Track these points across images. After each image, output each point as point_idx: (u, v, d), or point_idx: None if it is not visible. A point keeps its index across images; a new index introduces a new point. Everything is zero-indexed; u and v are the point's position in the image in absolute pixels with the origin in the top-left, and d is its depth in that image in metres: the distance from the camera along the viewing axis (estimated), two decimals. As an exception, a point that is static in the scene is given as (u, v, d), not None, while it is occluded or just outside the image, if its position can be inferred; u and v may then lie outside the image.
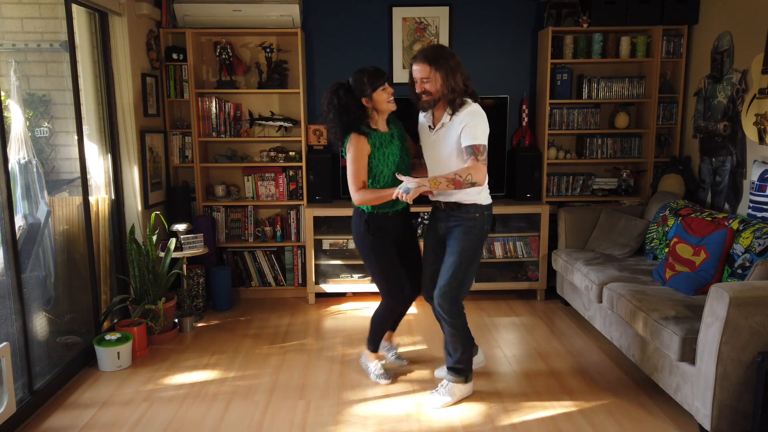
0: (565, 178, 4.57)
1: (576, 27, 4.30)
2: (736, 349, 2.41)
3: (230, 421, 2.78)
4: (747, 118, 3.52)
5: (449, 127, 2.76)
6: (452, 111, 2.74)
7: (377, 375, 3.15)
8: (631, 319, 3.03)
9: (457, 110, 2.73)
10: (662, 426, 2.70)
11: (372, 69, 2.82)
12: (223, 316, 4.22)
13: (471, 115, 2.71)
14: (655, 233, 3.81)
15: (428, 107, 2.81)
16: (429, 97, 2.75)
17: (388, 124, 2.94)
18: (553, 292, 4.44)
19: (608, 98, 4.45)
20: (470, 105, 2.75)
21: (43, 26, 3.27)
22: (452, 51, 2.76)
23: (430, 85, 2.72)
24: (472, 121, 2.70)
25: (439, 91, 2.72)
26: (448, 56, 2.72)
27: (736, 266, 3.02)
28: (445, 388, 2.93)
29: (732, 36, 3.78)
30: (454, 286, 2.81)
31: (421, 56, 2.73)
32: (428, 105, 2.79)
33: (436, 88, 2.72)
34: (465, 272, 2.82)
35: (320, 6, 4.56)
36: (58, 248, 3.30)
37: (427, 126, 2.87)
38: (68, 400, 3.00)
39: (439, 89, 2.71)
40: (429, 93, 2.74)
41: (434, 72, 2.69)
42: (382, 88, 2.80)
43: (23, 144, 3.07)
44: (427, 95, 2.75)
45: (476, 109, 2.74)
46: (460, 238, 2.82)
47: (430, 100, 2.76)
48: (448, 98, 2.72)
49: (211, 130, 4.42)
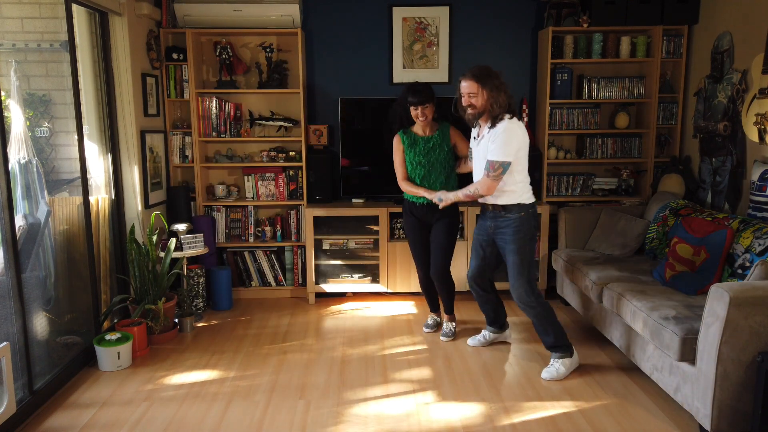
0: (566, 178, 4.57)
1: (576, 27, 4.30)
2: (736, 349, 2.41)
3: (230, 421, 2.78)
4: (747, 118, 3.52)
5: (487, 139, 3.08)
6: (492, 125, 3.06)
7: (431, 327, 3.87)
8: (632, 319, 3.03)
9: (496, 124, 3.05)
10: (662, 426, 2.70)
11: (412, 87, 3.42)
12: (223, 316, 4.22)
13: (503, 133, 3.02)
14: (655, 233, 3.81)
15: (473, 120, 3.17)
16: (474, 111, 3.08)
17: (436, 130, 3.54)
18: (553, 291, 4.44)
19: (608, 98, 4.45)
20: (506, 121, 3.04)
21: (43, 26, 3.27)
22: (497, 72, 3.08)
23: (476, 100, 3.05)
24: (500, 137, 3.01)
25: (484, 106, 3.05)
26: (494, 76, 3.06)
27: (737, 266, 3.02)
28: (555, 364, 3.21)
29: (732, 36, 3.78)
30: (523, 282, 3.16)
31: (469, 74, 3.07)
32: (473, 118, 3.14)
33: (481, 103, 3.05)
34: (528, 267, 3.17)
35: (320, 6, 4.56)
36: (58, 248, 3.30)
37: (473, 137, 3.30)
38: (68, 400, 3.00)
39: (483, 104, 3.05)
40: (474, 107, 3.07)
41: (480, 89, 3.03)
42: (413, 107, 3.40)
43: (23, 144, 3.07)
44: (472, 109, 3.08)
45: (509, 126, 3.03)
46: (512, 238, 3.15)
47: (475, 114, 3.09)
48: (492, 113, 3.05)
49: (211, 130, 4.42)
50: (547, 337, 3.23)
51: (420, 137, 3.52)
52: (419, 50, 4.59)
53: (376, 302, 4.45)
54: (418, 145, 3.51)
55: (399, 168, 3.57)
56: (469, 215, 4.34)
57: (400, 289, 4.42)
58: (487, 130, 3.08)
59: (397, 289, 4.42)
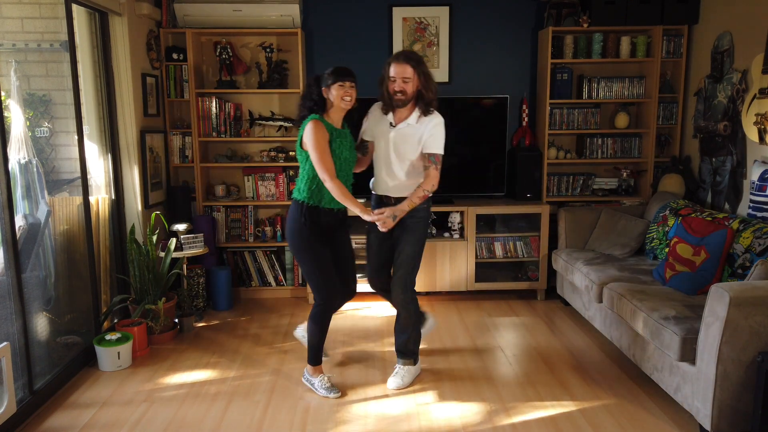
0: (566, 178, 4.57)
1: (576, 27, 4.30)
2: (737, 349, 2.41)
3: (230, 421, 2.78)
4: (747, 118, 3.52)
5: (415, 128, 2.94)
6: (423, 114, 2.94)
7: (326, 389, 3.01)
8: (632, 319, 3.03)
9: (427, 115, 2.94)
10: (662, 426, 2.70)
11: (342, 67, 2.90)
12: (223, 316, 4.22)
13: (439, 126, 2.95)
14: (656, 233, 3.81)
15: (401, 106, 2.94)
16: (404, 97, 2.89)
17: (343, 126, 2.98)
18: (553, 292, 4.44)
19: (608, 98, 4.45)
20: (438, 115, 2.97)
21: (43, 26, 3.27)
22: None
23: (408, 85, 2.87)
24: (438, 131, 2.94)
25: (414, 92, 2.90)
26: (424, 63, 2.93)
27: (737, 266, 3.02)
28: (401, 371, 3.12)
29: (732, 36, 3.77)
30: (412, 274, 3.09)
31: (403, 57, 2.89)
32: (401, 104, 2.92)
33: (412, 89, 2.89)
34: (419, 259, 3.10)
35: (320, 6, 4.56)
36: (58, 248, 3.30)
37: (389, 122, 3.00)
38: (68, 400, 3.00)
39: (414, 90, 2.89)
40: (405, 93, 2.89)
41: (414, 74, 2.87)
42: (341, 84, 2.84)
43: (23, 144, 3.07)
44: (402, 95, 2.89)
45: (442, 121, 2.97)
46: (414, 230, 3.04)
47: (405, 100, 2.91)
48: (425, 100, 2.91)
49: (211, 130, 4.42)
50: (404, 337, 3.14)
51: (340, 129, 2.94)
52: (419, 50, 4.59)
53: (376, 302, 4.45)
54: (343, 138, 2.92)
55: (328, 160, 2.82)
56: (468, 215, 4.34)
57: (400, 289, 4.42)
58: (415, 119, 2.93)
59: (397, 289, 4.41)
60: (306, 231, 2.89)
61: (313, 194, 2.88)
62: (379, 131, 3.04)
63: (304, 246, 2.92)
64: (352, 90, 2.88)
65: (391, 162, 3.00)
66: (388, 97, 2.94)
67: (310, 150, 2.82)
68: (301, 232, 2.90)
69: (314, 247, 2.92)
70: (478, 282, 4.42)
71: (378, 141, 3.05)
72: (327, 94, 2.88)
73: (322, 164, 2.80)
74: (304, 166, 2.91)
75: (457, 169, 4.55)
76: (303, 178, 2.92)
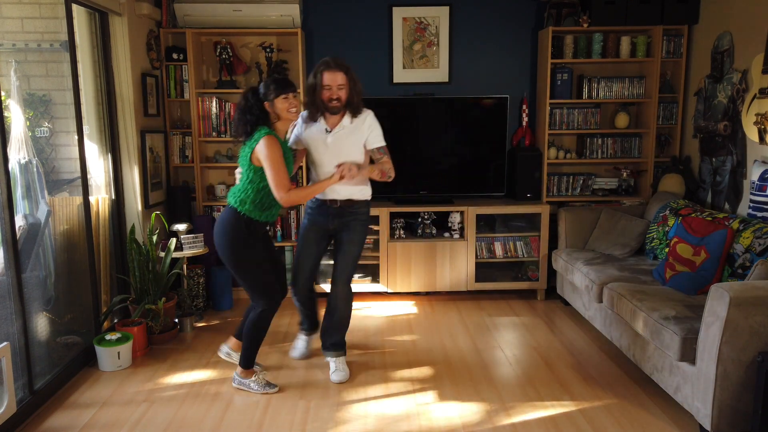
0: (566, 178, 4.57)
1: (576, 27, 4.30)
2: (737, 349, 2.41)
3: (230, 421, 2.78)
4: (747, 117, 3.52)
5: (352, 130, 3.05)
6: (354, 116, 3.05)
7: (263, 385, 3.04)
8: (632, 319, 3.03)
9: (358, 115, 3.06)
10: (662, 426, 2.70)
11: (281, 78, 2.93)
12: (223, 316, 4.22)
13: (375, 120, 3.10)
14: (656, 233, 3.80)
15: (337, 112, 3.03)
16: (339, 104, 2.99)
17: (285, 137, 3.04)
18: (553, 291, 4.44)
19: (608, 98, 4.45)
20: (368, 110, 3.11)
21: (43, 26, 3.27)
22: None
23: (343, 92, 2.98)
24: (376, 125, 3.10)
25: (348, 97, 3.00)
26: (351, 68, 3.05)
27: (737, 266, 3.02)
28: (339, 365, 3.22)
29: (732, 36, 3.77)
30: (354, 270, 3.23)
31: (335, 65, 2.97)
32: (337, 111, 3.01)
33: (346, 95, 2.99)
34: (359, 258, 3.23)
35: (320, 6, 4.56)
36: (58, 248, 3.30)
37: (324, 129, 3.07)
38: (68, 400, 3.00)
39: (348, 96, 3.00)
40: (340, 100, 2.98)
41: (347, 80, 2.98)
42: (284, 96, 2.87)
43: (23, 144, 3.07)
44: (338, 101, 2.98)
45: (373, 114, 3.12)
46: (358, 230, 3.17)
47: (340, 106, 3.00)
48: (353, 105, 3.03)
49: (211, 130, 4.42)
50: (340, 334, 3.27)
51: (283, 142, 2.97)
52: (419, 50, 4.59)
53: (376, 302, 4.45)
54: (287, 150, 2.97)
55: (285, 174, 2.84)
56: (468, 215, 4.34)
57: (400, 289, 4.42)
58: (349, 121, 3.04)
59: (397, 289, 4.42)
60: (250, 241, 2.92)
61: (256, 207, 2.91)
62: (314, 139, 3.09)
63: (247, 255, 2.92)
64: (296, 100, 2.92)
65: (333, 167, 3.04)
66: (322, 105, 3.00)
67: (266, 166, 2.83)
68: (245, 243, 2.91)
69: (256, 255, 2.95)
70: (478, 282, 4.42)
71: (315, 148, 3.09)
72: (270, 108, 2.89)
73: (280, 180, 2.82)
74: (249, 178, 2.91)
75: (457, 169, 4.55)
76: (247, 190, 2.91)
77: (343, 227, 3.15)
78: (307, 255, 3.25)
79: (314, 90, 3.01)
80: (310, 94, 3.04)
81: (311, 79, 3.04)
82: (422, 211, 4.39)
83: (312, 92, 3.03)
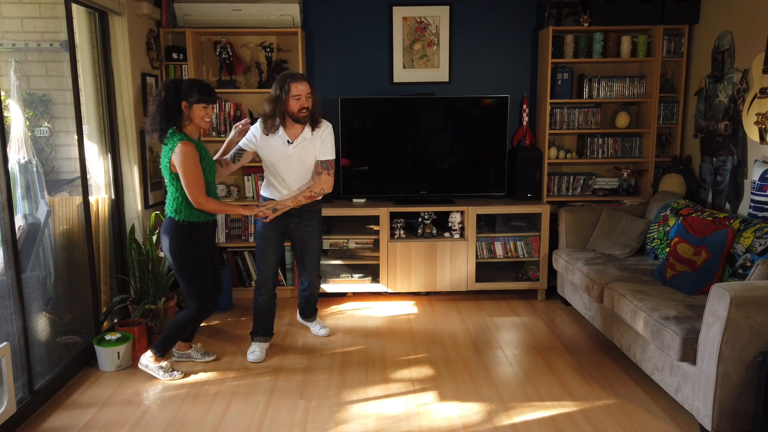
0: (566, 178, 4.56)
1: (576, 26, 4.30)
2: (737, 348, 2.41)
3: (230, 421, 2.77)
4: (748, 117, 3.52)
5: (311, 141, 3.24)
6: (314, 127, 3.24)
7: (167, 371, 3.17)
8: (632, 319, 3.02)
9: (317, 126, 3.25)
10: (663, 426, 2.69)
11: (206, 84, 2.94)
12: (223, 316, 4.22)
13: (331, 133, 3.29)
14: (656, 233, 3.80)
15: (305, 122, 3.20)
16: (307, 113, 3.18)
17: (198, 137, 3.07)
18: (553, 291, 4.43)
19: (609, 98, 4.44)
20: (327, 123, 3.30)
21: (43, 26, 3.27)
22: None
23: (310, 101, 3.17)
24: (330, 138, 3.28)
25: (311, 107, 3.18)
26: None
27: (737, 266, 3.02)
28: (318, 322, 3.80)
29: (733, 35, 3.77)
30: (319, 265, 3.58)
31: (300, 76, 3.15)
32: (305, 120, 3.19)
33: (311, 105, 3.18)
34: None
35: (320, 6, 4.56)
36: (58, 248, 3.30)
37: (286, 140, 3.22)
38: (68, 400, 3.00)
39: (311, 106, 3.18)
40: (307, 109, 3.17)
41: (312, 91, 3.17)
42: (204, 105, 2.90)
43: (23, 144, 3.07)
44: (306, 111, 3.17)
45: (331, 127, 3.31)
46: (317, 228, 3.46)
47: (308, 115, 3.19)
48: (315, 115, 3.22)
49: (211, 130, 4.42)
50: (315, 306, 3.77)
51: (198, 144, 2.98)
52: (419, 50, 4.59)
53: (377, 302, 4.45)
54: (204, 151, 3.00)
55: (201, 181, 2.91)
56: (469, 215, 4.33)
57: (400, 289, 4.42)
58: (310, 132, 3.22)
59: (397, 289, 4.41)
60: (191, 247, 3.01)
61: (193, 210, 2.99)
62: (273, 150, 3.23)
63: (191, 262, 3.03)
64: (212, 111, 2.96)
65: (297, 176, 3.27)
66: (291, 115, 3.15)
67: (181, 174, 2.87)
68: (188, 249, 3.01)
69: (199, 260, 3.06)
70: (479, 282, 4.42)
71: (277, 159, 3.25)
72: (186, 109, 2.89)
73: (196, 189, 2.88)
74: (175, 186, 2.95)
75: (458, 169, 4.55)
76: (178, 198, 2.98)
77: (303, 226, 3.38)
78: (270, 255, 3.40)
79: (278, 101, 3.13)
80: (272, 105, 3.15)
81: (275, 91, 3.14)
82: (422, 211, 4.39)
83: (275, 103, 3.15)
